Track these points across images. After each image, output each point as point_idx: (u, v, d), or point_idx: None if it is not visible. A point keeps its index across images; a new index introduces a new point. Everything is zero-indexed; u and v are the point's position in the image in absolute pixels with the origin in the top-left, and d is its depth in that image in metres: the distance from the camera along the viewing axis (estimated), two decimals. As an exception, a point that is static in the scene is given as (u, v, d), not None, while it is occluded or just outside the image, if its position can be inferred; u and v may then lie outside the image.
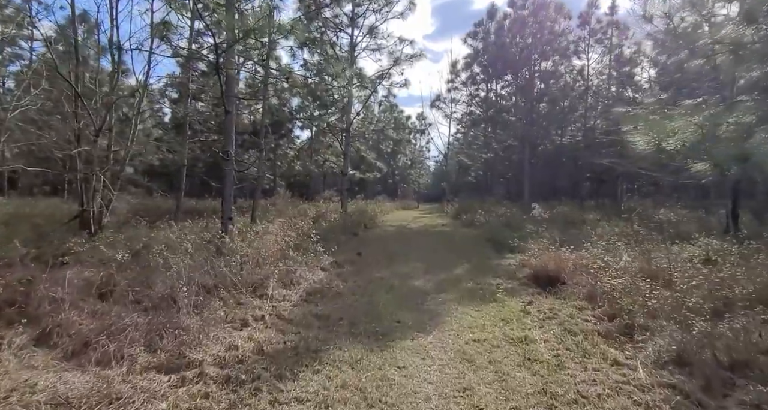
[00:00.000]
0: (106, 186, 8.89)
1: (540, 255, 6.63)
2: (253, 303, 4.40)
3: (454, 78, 21.13)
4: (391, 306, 4.80)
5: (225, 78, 7.84)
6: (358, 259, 7.77)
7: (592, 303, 4.52)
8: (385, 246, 9.48)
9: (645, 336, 3.41)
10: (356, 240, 10.32)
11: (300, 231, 8.91)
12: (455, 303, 4.97)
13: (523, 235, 9.78)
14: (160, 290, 4.06)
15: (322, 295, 5.19)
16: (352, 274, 6.51)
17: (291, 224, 10.28)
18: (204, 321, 3.61)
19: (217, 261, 4.88)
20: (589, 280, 4.93)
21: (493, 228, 11.89)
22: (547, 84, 18.41)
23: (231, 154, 7.75)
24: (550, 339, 3.66)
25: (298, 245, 7.48)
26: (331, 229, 10.52)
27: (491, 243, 9.89)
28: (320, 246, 7.50)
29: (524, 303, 4.92)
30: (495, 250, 9.00)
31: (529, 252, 7.61)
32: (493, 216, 13.79)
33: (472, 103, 19.93)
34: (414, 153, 39.29)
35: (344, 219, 12.88)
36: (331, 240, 9.32)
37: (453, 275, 6.64)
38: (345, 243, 9.57)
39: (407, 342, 3.69)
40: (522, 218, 13.38)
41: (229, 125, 7.88)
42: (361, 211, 15.45)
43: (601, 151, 23.65)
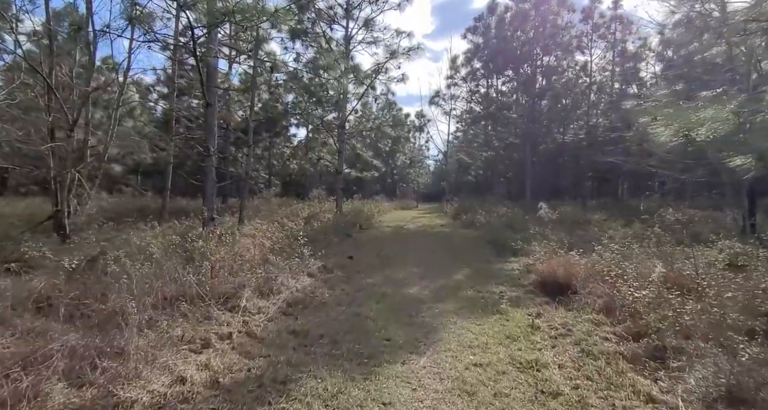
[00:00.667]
0: (81, 184, 8.31)
1: (547, 259, 6.06)
2: (221, 317, 3.82)
3: (454, 74, 20.57)
4: (381, 319, 4.23)
5: (205, 67, 7.27)
6: (350, 263, 7.19)
7: (611, 317, 3.94)
8: (379, 249, 8.91)
9: (681, 363, 2.83)
10: (350, 242, 9.75)
11: (289, 232, 8.35)
12: (454, 315, 4.40)
13: (527, 237, 9.21)
14: (112, 304, 3.49)
15: (304, 306, 4.62)
16: (341, 281, 5.93)
17: (280, 225, 9.73)
18: (155, 342, 3.03)
19: (184, 269, 4.31)
20: (606, 290, 4.35)
21: (494, 230, 11.31)
22: (549, 80, 17.85)
23: (212, 149, 7.18)
24: (565, 364, 3.09)
25: (283, 248, 6.92)
26: (323, 230, 9.96)
27: (493, 245, 9.32)
28: (308, 250, 6.93)
29: (532, 315, 4.35)
30: (497, 253, 8.43)
31: (534, 256, 7.04)
32: (494, 217, 13.22)
33: (472, 99, 19.35)
34: (413, 152, 38.70)
35: (338, 220, 12.30)
36: (322, 242, 8.76)
37: (452, 281, 6.07)
38: (337, 246, 9.00)
39: (396, 366, 3.12)
40: (524, 218, 12.81)
41: (210, 118, 7.31)
42: (357, 211, 14.87)
43: (603, 149, 23.16)
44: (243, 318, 3.90)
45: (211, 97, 7.23)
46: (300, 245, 6.89)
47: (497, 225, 11.77)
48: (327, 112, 14.17)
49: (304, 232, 9.12)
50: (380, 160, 32.92)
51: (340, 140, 13.84)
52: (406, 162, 36.83)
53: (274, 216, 12.59)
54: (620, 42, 20.92)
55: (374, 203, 22.01)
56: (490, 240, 9.88)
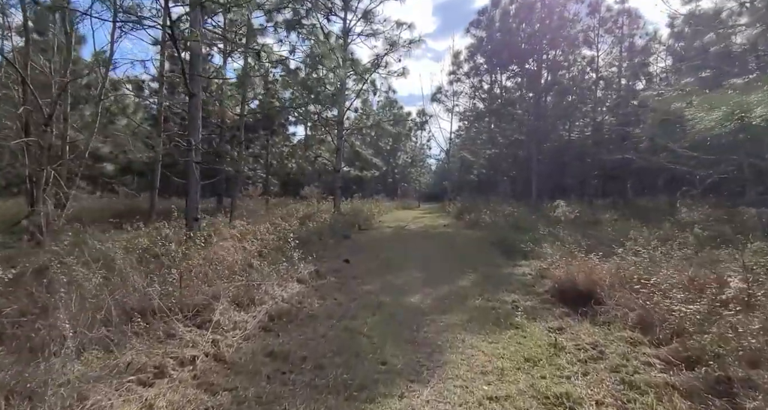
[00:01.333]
0: (59, 183, 7.74)
1: (563, 263, 5.44)
2: (186, 336, 3.23)
3: (456, 70, 19.95)
4: (376, 336, 3.63)
5: (188, 53, 6.69)
6: (346, 267, 6.59)
7: (649, 335, 3.33)
8: (378, 251, 8.31)
9: (757, 403, 2.22)
10: (347, 244, 9.15)
11: (281, 234, 7.76)
12: (461, 330, 3.80)
13: (536, 238, 8.59)
14: (51, 322, 2.89)
15: (288, 320, 4.02)
16: (335, 288, 5.33)
17: (273, 226, 9.15)
18: (93, 372, 2.44)
19: (148, 277, 3.72)
20: (638, 301, 3.73)
21: (500, 230, 10.70)
22: (555, 75, 17.22)
23: (194, 143, 6.59)
24: (605, 401, 2.47)
25: (271, 252, 6.33)
26: (318, 231, 9.36)
27: (500, 247, 8.71)
28: (299, 253, 6.34)
29: (553, 330, 3.74)
30: (505, 256, 7.81)
31: (548, 260, 6.43)
32: (500, 216, 12.60)
33: (475, 95, 18.75)
34: (414, 151, 38.10)
35: (336, 220, 11.71)
36: (318, 244, 8.18)
37: (457, 288, 5.46)
38: (333, 248, 8.40)
39: (393, 401, 2.52)
40: (531, 218, 12.20)
41: (193, 110, 6.72)
42: (356, 211, 14.28)
43: (610, 147, 22.51)
44: (213, 337, 3.30)
45: (195, 87, 6.64)
46: (290, 248, 6.30)
47: (503, 226, 11.16)
48: (325, 108, 13.57)
49: (298, 234, 8.55)
50: (381, 159, 32.32)
51: (338, 137, 13.24)
52: (407, 161, 36.23)
53: (270, 216, 12.04)
54: (628, 37, 20.27)
55: (374, 203, 21.42)
56: (496, 241, 9.26)
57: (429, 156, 38.60)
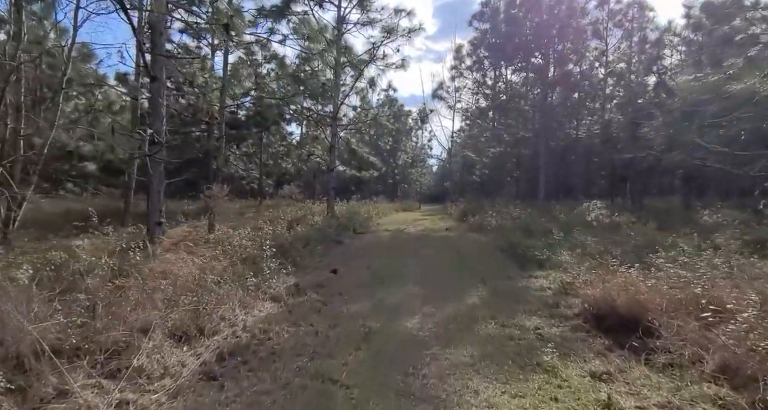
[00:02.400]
0: (5, 182, 6.79)
1: (596, 278, 4.46)
2: (82, 395, 2.26)
3: (459, 64, 19.00)
4: (357, 386, 2.66)
5: (146, 26, 5.76)
6: (332, 280, 5.62)
7: (746, 393, 2.35)
8: (373, 259, 7.33)
9: None
10: (338, 251, 8.18)
11: (261, 239, 6.82)
12: (472, 375, 2.83)
13: (551, 244, 7.62)
14: None
15: (243, 359, 3.04)
16: (314, 309, 4.35)
17: (256, 230, 8.21)
18: None
19: (50, 303, 2.76)
20: (717, 337, 2.75)
21: (509, 234, 9.72)
22: (563, 68, 16.26)
23: (157, 137, 5.65)
24: None
25: (245, 262, 5.38)
26: (307, 237, 8.40)
27: (510, 254, 7.73)
28: (279, 262, 5.41)
29: (597, 377, 2.76)
30: (517, 265, 6.83)
31: (571, 271, 5.47)
32: (507, 219, 11.62)
33: (479, 91, 17.77)
34: (415, 151, 37.15)
35: (329, 224, 10.75)
36: (303, 252, 7.21)
37: (464, 308, 4.48)
38: (322, 255, 7.43)
39: None
40: (541, 220, 11.23)
41: (156, 97, 5.78)
42: (352, 214, 13.31)
43: (618, 146, 21.51)
44: (123, 396, 2.33)
45: (156, 68, 5.69)
46: (266, 257, 5.35)
47: (512, 229, 10.17)
48: (317, 101, 12.64)
49: (282, 239, 7.61)
50: (380, 160, 31.38)
51: (332, 134, 12.28)
52: (407, 161, 35.26)
53: (258, 218, 11.13)
54: (638, 30, 19.30)
55: (372, 204, 20.46)
56: (505, 247, 8.28)
57: (430, 156, 37.53)
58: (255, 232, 7.98)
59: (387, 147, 32.42)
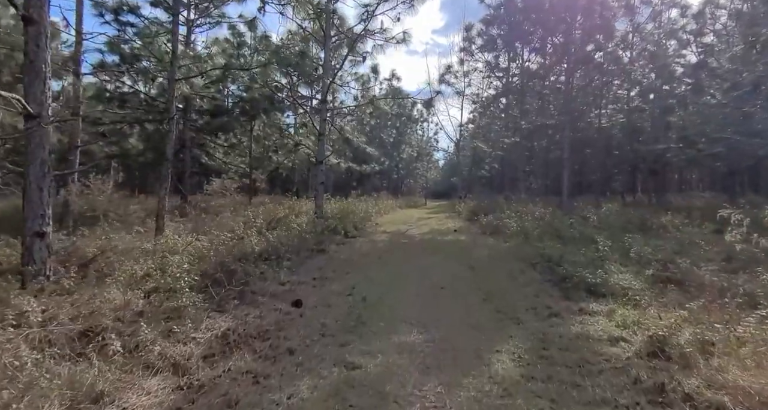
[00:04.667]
0: None
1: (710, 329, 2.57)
2: None
3: (469, 46, 16.96)
4: None
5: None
6: (288, 321, 3.76)
7: None
8: (359, 278, 5.48)
9: None
10: (316, 264, 6.34)
11: (207, 252, 5.04)
12: None
13: (599, 256, 5.73)
14: None
15: None
16: (232, 394, 2.52)
17: (215, 237, 6.43)
18: None
19: None
20: None
21: (535, 240, 7.83)
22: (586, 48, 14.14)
23: (33, 107, 3.82)
24: None
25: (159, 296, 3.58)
26: (278, 245, 6.57)
27: (542, 268, 5.85)
28: (200, 299, 3.60)
29: None
30: (556, 287, 4.94)
31: (643, 301, 3.62)
32: (528, 220, 9.69)
33: (492, 74, 15.73)
34: (420, 144, 35.12)
35: (314, 225, 8.91)
36: (265, 268, 5.39)
37: (493, 383, 2.62)
38: (291, 273, 5.58)
39: None
40: (569, 223, 9.30)
41: (32, 47, 3.95)
42: (345, 213, 11.46)
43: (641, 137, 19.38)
44: None
45: (35, 7, 3.86)
46: (182, 288, 3.54)
47: (538, 234, 8.27)
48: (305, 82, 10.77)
49: (248, 249, 5.80)
50: (384, 153, 29.46)
51: (321, 119, 10.39)
52: (412, 155, 33.27)
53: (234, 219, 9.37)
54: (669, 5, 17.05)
55: (372, 201, 18.59)
56: (533, 258, 6.39)
57: (436, 149, 35.48)
58: (213, 239, 6.19)
59: (390, 139, 30.47)
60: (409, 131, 32.81)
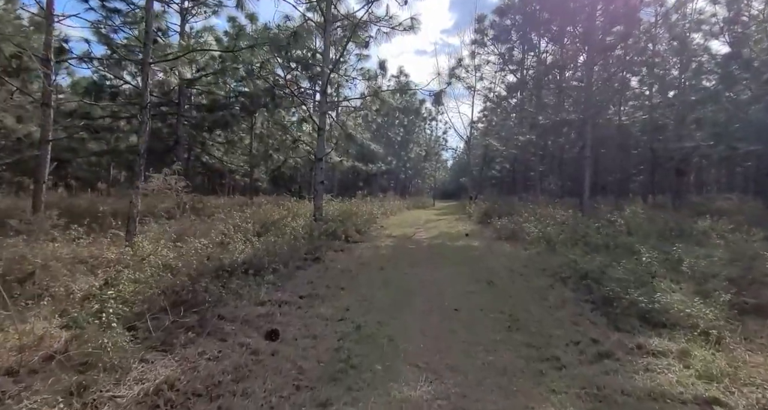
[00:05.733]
0: None
1: None
2: None
3: (481, 38, 15.96)
4: None
5: None
6: (256, 362, 2.87)
7: None
8: (354, 298, 4.59)
9: None
10: (307, 277, 5.45)
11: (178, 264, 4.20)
12: None
13: (646, 270, 4.75)
14: None
15: None
16: None
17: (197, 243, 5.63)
18: None
19: None
20: None
21: (557, 247, 6.86)
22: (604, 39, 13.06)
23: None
24: None
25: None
26: (265, 253, 5.70)
27: (575, 284, 4.88)
28: (143, 333, 2.74)
29: None
30: (599, 312, 3.97)
31: (727, 341, 2.66)
32: (549, 224, 8.70)
33: (505, 67, 14.72)
34: (429, 143, 34.13)
35: (311, 230, 8.05)
36: (244, 283, 4.53)
37: None
38: (273, 290, 4.70)
39: None
40: (595, 227, 8.30)
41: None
42: (347, 215, 10.58)
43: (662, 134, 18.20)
44: None
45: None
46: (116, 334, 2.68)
47: (563, 241, 7.29)
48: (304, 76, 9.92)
49: (230, 259, 4.96)
50: (391, 152, 28.54)
51: (321, 112, 9.52)
52: (420, 154, 32.27)
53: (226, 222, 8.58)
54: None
55: (379, 201, 17.69)
56: (563, 272, 5.42)
57: (445, 148, 34.41)
58: (193, 246, 5.36)
59: (398, 138, 29.53)
60: (417, 130, 31.84)
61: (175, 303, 3.47)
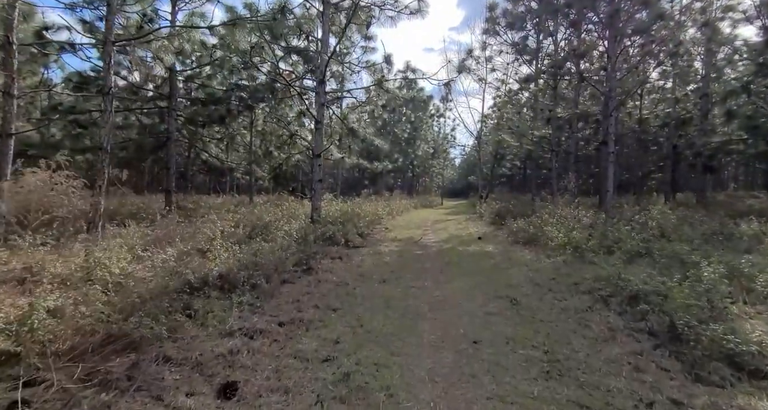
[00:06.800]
0: None
1: None
2: None
3: (492, 27, 14.97)
4: None
5: None
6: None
7: None
8: (348, 322, 3.72)
9: None
10: (292, 295, 4.59)
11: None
12: None
13: (705, 290, 3.81)
14: None
15: None
16: None
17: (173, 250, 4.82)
18: None
19: None
20: None
21: (587, 255, 5.92)
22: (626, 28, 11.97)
23: None
24: None
25: None
26: (248, 264, 4.86)
27: (619, 306, 3.95)
28: None
29: None
30: (665, 351, 3.04)
31: None
32: (574, 226, 7.73)
33: (520, 56, 13.70)
34: (437, 140, 33.09)
35: (306, 234, 7.20)
36: (221, 299, 3.69)
37: None
38: (255, 310, 3.84)
39: None
40: (626, 231, 7.32)
41: None
42: (348, 216, 9.72)
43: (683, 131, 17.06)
44: None
45: None
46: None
47: (593, 247, 6.34)
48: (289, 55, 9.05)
49: (208, 272, 4.13)
50: (398, 150, 27.59)
51: (318, 103, 8.66)
52: (428, 151, 31.28)
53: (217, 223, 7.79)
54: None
55: (385, 201, 16.81)
56: (602, 288, 4.49)
57: (453, 145, 33.34)
58: (160, 257, 4.55)
59: (405, 135, 28.55)
60: (424, 126, 30.82)
61: (105, 341, 2.63)
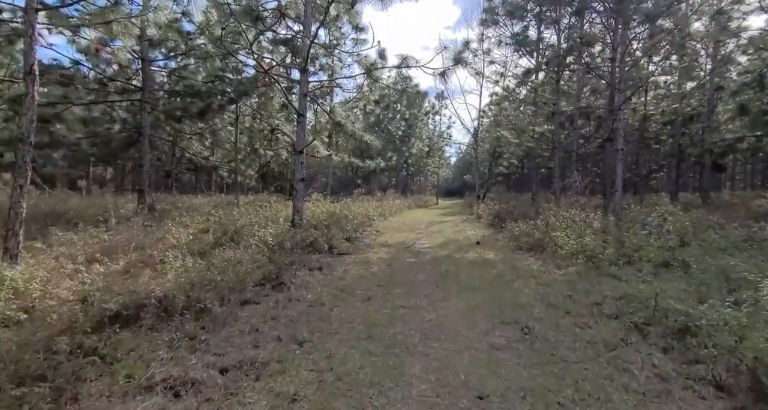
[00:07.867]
0: None
1: None
2: None
3: (492, 16, 14.13)
4: None
5: None
6: None
7: None
8: (317, 364, 2.88)
9: None
10: (260, 315, 3.73)
11: None
12: None
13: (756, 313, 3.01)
14: None
15: None
16: None
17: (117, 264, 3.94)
18: None
19: None
20: None
21: (604, 265, 5.11)
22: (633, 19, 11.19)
23: None
24: None
25: None
26: (203, 279, 3.99)
27: (661, 338, 3.14)
28: None
29: None
30: (725, 402, 2.25)
31: None
32: (588, 234, 6.91)
33: (520, 48, 12.91)
34: (432, 138, 32.25)
35: (284, 240, 6.33)
36: (153, 332, 2.80)
37: None
38: (199, 344, 2.99)
39: None
40: (642, 234, 6.54)
41: None
42: (335, 218, 8.85)
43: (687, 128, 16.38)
44: None
45: None
46: None
47: (608, 255, 5.53)
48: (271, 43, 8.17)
49: (146, 294, 3.26)
50: (392, 148, 26.72)
51: (300, 94, 7.78)
52: (423, 150, 30.44)
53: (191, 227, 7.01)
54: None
55: (377, 201, 15.95)
56: (633, 312, 3.68)
57: (449, 143, 32.54)
58: (102, 270, 3.68)
59: (399, 133, 27.68)
60: (419, 124, 29.97)
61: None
